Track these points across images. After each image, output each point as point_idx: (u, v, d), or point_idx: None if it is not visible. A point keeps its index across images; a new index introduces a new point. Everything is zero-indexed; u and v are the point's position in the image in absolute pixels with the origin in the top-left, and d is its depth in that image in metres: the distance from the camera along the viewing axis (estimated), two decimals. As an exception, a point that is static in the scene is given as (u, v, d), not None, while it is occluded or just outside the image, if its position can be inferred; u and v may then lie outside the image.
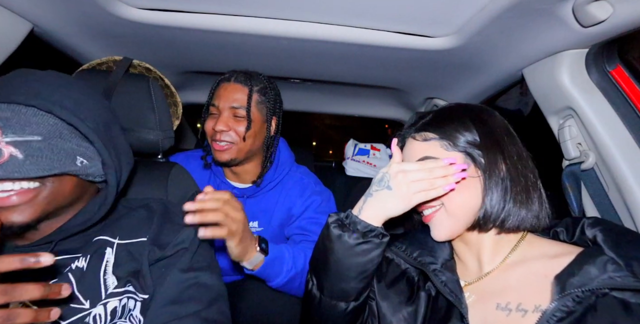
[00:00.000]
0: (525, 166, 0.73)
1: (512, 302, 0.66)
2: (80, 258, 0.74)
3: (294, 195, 1.27)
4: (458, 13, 0.96)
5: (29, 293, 0.51)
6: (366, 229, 0.69)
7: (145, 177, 1.05)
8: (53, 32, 1.14)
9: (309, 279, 0.78)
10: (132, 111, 1.05)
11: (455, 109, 0.79)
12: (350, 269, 0.70)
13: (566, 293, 0.60)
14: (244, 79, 1.20)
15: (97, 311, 0.70)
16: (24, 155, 0.63)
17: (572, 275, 0.62)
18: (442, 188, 0.70)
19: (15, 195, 0.63)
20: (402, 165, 0.71)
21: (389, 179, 0.70)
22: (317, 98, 2.09)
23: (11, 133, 0.63)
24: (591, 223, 0.70)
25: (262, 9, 1.04)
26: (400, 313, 0.76)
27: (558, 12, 0.85)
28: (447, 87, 1.55)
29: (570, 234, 0.73)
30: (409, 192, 0.69)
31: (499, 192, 0.70)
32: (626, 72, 0.95)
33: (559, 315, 0.60)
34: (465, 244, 0.78)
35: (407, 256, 0.80)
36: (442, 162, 0.71)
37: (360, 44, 1.14)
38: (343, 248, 0.69)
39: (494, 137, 0.73)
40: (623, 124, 0.94)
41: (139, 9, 1.06)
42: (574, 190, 1.06)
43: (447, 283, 0.72)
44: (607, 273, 0.60)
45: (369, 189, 0.74)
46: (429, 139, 0.75)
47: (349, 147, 2.21)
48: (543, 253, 0.70)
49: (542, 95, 1.10)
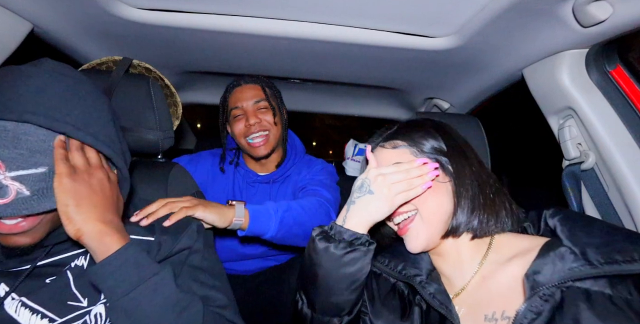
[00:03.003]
0: (486, 173, 0.76)
1: (497, 311, 0.67)
2: (80, 256, 0.74)
3: (303, 170, 1.42)
4: (458, 13, 0.96)
5: None
6: (352, 238, 0.70)
7: (145, 177, 1.05)
8: (53, 32, 1.14)
9: (298, 299, 0.77)
10: (132, 111, 1.05)
11: (420, 121, 0.83)
12: (341, 280, 0.70)
13: (533, 292, 0.61)
14: (251, 79, 1.36)
15: (98, 309, 0.70)
16: (30, 191, 0.61)
17: (537, 272, 0.63)
18: (421, 187, 0.72)
19: (23, 222, 0.63)
20: (380, 169, 0.73)
21: (370, 184, 0.72)
22: (317, 98, 2.09)
23: (15, 167, 0.60)
24: (551, 214, 0.72)
25: (262, 9, 1.04)
26: None
27: (558, 12, 0.86)
28: (447, 87, 1.55)
29: (537, 227, 0.75)
30: (390, 194, 0.70)
31: (469, 197, 0.72)
32: (626, 72, 0.95)
33: (529, 317, 0.60)
34: (440, 256, 0.78)
35: (391, 271, 0.80)
36: (415, 163, 0.74)
37: (361, 44, 1.14)
38: (330, 259, 0.69)
39: (458, 145, 0.78)
40: (623, 124, 0.95)
41: (139, 9, 1.06)
42: (574, 190, 1.06)
43: (436, 295, 0.71)
44: (566, 264, 0.61)
45: (350, 198, 0.75)
46: (398, 146, 0.78)
47: (349, 147, 2.21)
48: (514, 251, 0.71)
49: (542, 95, 1.10)
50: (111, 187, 0.68)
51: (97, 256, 0.63)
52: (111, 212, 0.66)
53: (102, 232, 0.63)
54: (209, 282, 0.78)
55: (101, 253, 0.63)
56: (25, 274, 0.69)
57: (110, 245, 0.63)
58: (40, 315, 0.68)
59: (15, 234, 0.63)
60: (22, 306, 0.68)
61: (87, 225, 0.62)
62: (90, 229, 0.62)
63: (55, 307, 0.69)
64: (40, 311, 0.68)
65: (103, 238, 0.63)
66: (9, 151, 0.60)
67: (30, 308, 0.68)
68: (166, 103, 1.13)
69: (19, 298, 0.69)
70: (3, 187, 0.60)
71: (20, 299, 0.69)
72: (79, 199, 0.62)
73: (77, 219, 0.61)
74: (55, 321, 0.68)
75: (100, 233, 0.63)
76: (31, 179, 0.61)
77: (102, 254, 0.63)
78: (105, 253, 0.63)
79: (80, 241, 0.62)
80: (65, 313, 0.69)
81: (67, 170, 0.62)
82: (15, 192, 0.60)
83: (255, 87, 1.35)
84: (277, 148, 1.40)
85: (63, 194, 0.61)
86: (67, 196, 0.61)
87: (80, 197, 0.62)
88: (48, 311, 0.69)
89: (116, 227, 0.65)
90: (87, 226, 0.62)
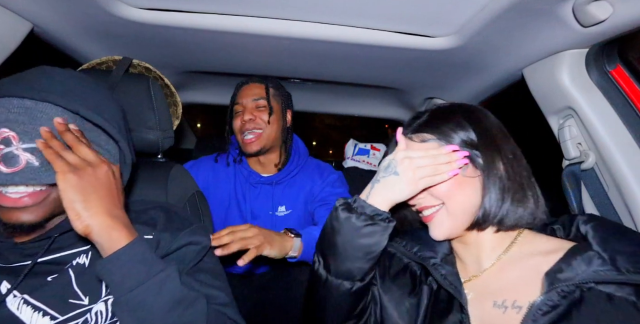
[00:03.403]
0: (520, 165, 0.74)
1: (508, 299, 0.68)
2: (82, 255, 0.75)
3: (315, 176, 1.45)
4: (458, 13, 0.96)
5: None
6: (374, 213, 0.71)
7: (145, 177, 1.05)
8: (53, 32, 1.14)
9: (316, 260, 0.80)
10: (132, 110, 1.05)
11: (450, 109, 0.80)
12: (357, 249, 0.72)
13: (552, 287, 0.62)
14: (259, 79, 1.43)
15: (98, 307, 0.71)
16: (40, 162, 0.65)
17: (560, 271, 0.63)
18: (447, 173, 0.71)
19: (27, 196, 0.65)
20: (408, 152, 0.73)
21: (396, 165, 0.72)
22: (317, 98, 2.09)
23: (28, 140, 0.64)
24: (585, 220, 0.72)
25: (262, 9, 1.04)
26: (403, 305, 0.78)
27: (558, 12, 0.86)
28: (447, 87, 1.55)
29: (567, 231, 0.74)
30: (415, 177, 0.71)
31: (497, 191, 0.71)
32: (626, 72, 0.95)
33: (544, 309, 0.61)
34: (463, 243, 0.79)
35: (407, 251, 0.82)
36: (445, 149, 0.73)
37: (361, 44, 1.14)
38: (350, 229, 0.71)
39: (490, 136, 0.75)
40: (623, 124, 0.95)
41: (139, 9, 1.06)
42: (574, 190, 1.06)
43: (447, 276, 0.74)
44: (592, 267, 0.61)
45: (375, 176, 0.75)
46: (427, 140, 0.77)
47: (349, 147, 2.21)
48: (538, 250, 0.71)
49: (542, 95, 1.10)
50: (116, 181, 0.68)
51: (105, 251, 0.63)
52: (117, 207, 0.67)
53: (110, 227, 0.63)
54: (210, 281, 0.78)
55: (109, 248, 0.63)
56: (27, 270, 0.69)
57: (118, 240, 0.63)
58: (42, 313, 0.68)
59: (18, 208, 0.65)
60: (24, 304, 0.69)
61: (96, 220, 0.62)
62: (99, 224, 0.62)
63: (57, 305, 0.69)
64: (42, 309, 0.69)
65: (111, 233, 0.63)
66: (25, 126, 0.65)
67: (32, 306, 0.69)
68: (166, 103, 1.13)
69: (21, 295, 0.69)
70: (14, 157, 0.64)
71: (22, 296, 0.69)
72: (85, 195, 0.62)
73: (85, 215, 0.61)
74: (57, 318, 0.68)
75: (108, 228, 0.62)
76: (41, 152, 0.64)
77: (110, 249, 0.63)
78: (113, 248, 0.63)
79: (89, 237, 0.62)
80: (66, 310, 0.69)
81: (67, 167, 0.62)
82: (25, 162, 0.64)
83: (259, 86, 1.40)
84: (273, 148, 1.42)
85: (69, 190, 0.61)
86: (73, 192, 0.61)
87: (87, 192, 0.62)
88: (50, 308, 0.69)
89: (123, 222, 0.66)
90: (96, 221, 0.62)
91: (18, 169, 0.63)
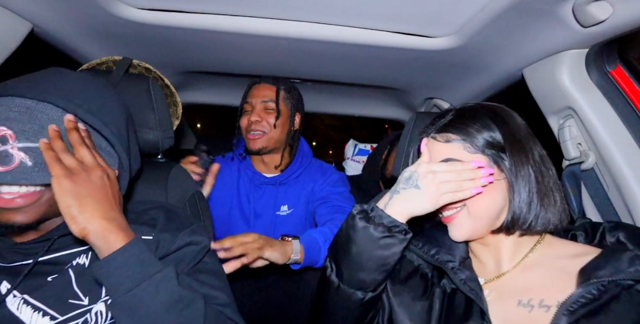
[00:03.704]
0: (547, 167, 0.73)
1: (534, 299, 0.67)
2: (82, 255, 0.75)
3: (317, 176, 1.46)
4: (458, 13, 0.96)
5: None
6: (392, 225, 0.69)
7: (145, 177, 1.05)
8: (53, 32, 1.14)
9: (328, 265, 0.78)
10: (132, 110, 1.05)
11: (476, 109, 0.78)
12: (371, 260, 0.71)
13: (592, 282, 0.61)
14: (271, 80, 1.41)
15: (98, 307, 0.71)
16: (33, 162, 0.64)
17: (598, 268, 0.62)
18: (470, 191, 0.69)
19: (19, 197, 0.65)
20: (432, 166, 0.71)
21: (418, 178, 0.70)
22: (317, 98, 2.09)
23: (24, 139, 0.65)
24: (612, 227, 0.71)
25: (262, 9, 1.04)
26: (414, 308, 0.76)
27: (558, 12, 0.85)
28: (447, 87, 1.55)
29: (590, 237, 0.74)
30: (437, 192, 0.69)
31: (526, 195, 0.70)
32: (626, 72, 0.95)
33: (582, 301, 0.60)
34: (483, 245, 0.78)
35: (424, 254, 0.80)
36: (470, 165, 0.70)
37: (361, 44, 1.14)
38: (367, 239, 0.69)
39: (517, 138, 0.73)
40: (623, 124, 0.95)
41: (139, 9, 1.06)
42: (574, 190, 1.06)
43: (467, 282, 0.72)
44: (634, 266, 0.61)
45: (395, 186, 0.73)
46: (451, 141, 0.74)
47: (349, 147, 2.21)
48: (563, 253, 0.71)
49: (542, 95, 1.10)
50: (111, 184, 0.68)
51: (102, 253, 0.63)
52: (114, 209, 0.67)
53: (106, 229, 0.63)
54: (210, 281, 0.78)
55: (106, 250, 0.63)
56: (27, 270, 0.69)
57: (114, 242, 0.63)
58: (42, 313, 0.68)
59: (10, 209, 0.65)
60: (24, 304, 0.69)
61: (92, 224, 0.62)
62: (95, 227, 0.62)
63: (57, 305, 0.69)
64: (42, 309, 0.69)
65: (108, 236, 0.63)
66: (23, 125, 0.65)
67: (32, 306, 0.68)
68: (166, 103, 1.13)
69: (21, 295, 0.69)
70: (9, 155, 0.64)
71: (22, 296, 0.69)
72: (80, 199, 0.62)
73: (81, 218, 0.62)
74: (57, 319, 0.68)
75: (104, 231, 0.63)
76: (36, 152, 0.65)
77: (106, 251, 0.63)
78: (109, 250, 0.63)
79: (86, 240, 0.63)
80: (66, 311, 0.69)
81: (63, 171, 0.62)
82: (19, 161, 0.64)
83: (270, 87, 1.39)
84: (277, 150, 1.42)
85: (64, 195, 0.61)
86: (68, 197, 0.61)
87: (82, 196, 0.63)
88: (50, 308, 0.69)
89: (120, 224, 0.66)
90: (92, 225, 0.62)
91: (11, 168, 0.63)
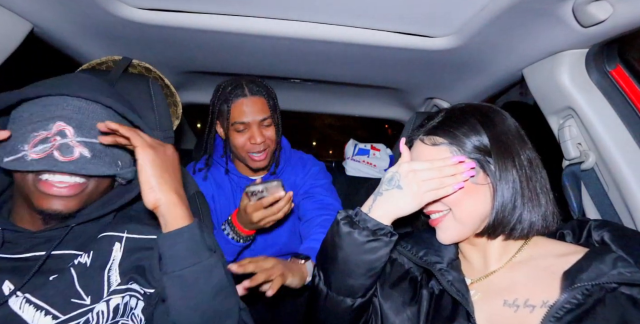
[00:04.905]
0: (535, 171, 0.72)
1: (519, 298, 0.67)
2: (83, 255, 0.75)
3: (297, 169, 1.43)
4: (458, 13, 0.96)
5: None
6: (376, 228, 0.69)
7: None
8: (53, 32, 1.14)
9: (316, 274, 0.78)
10: (132, 110, 1.05)
11: (465, 111, 0.77)
12: (359, 266, 0.71)
13: (576, 286, 0.61)
14: (256, 89, 1.25)
15: (100, 307, 0.71)
16: (91, 155, 0.73)
17: (582, 271, 0.62)
18: (452, 187, 0.70)
19: (68, 187, 0.73)
20: (412, 164, 0.71)
21: (399, 179, 0.70)
22: (317, 98, 2.09)
23: (81, 134, 0.73)
24: (598, 225, 0.71)
25: (262, 9, 1.04)
26: (404, 313, 0.76)
27: (558, 12, 0.85)
28: (447, 87, 1.55)
29: (577, 236, 0.74)
30: (420, 191, 0.69)
31: (509, 200, 0.69)
32: (626, 72, 0.95)
33: (568, 307, 0.60)
34: (472, 245, 0.78)
35: (412, 256, 0.80)
36: (450, 161, 0.71)
37: (361, 44, 1.14)
38: (352, 244, 0.70)
39: (505, 142, 0.72)
40: (623, 124, 0.95)
41: (139, 9, 1.06)
42: (574, 190, 1.06)
43: (454, 283, 0.72)
44: (617, 268, 0.61)
45: (378, 188, 0.73)
46: (438, 144, 0.74)
47: (349, 147, 2.21)
48: (550, 252, 0.71)
49: (542, 95, 1.10)
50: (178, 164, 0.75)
51: (167, 225, 0.69)
52: (181, 187, 0.73)
53: (176, 204, 0.69)
54: None
55: (172, 223, 0.68)
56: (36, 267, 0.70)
57: (181, 218, 0.69)
58: (44, 312, 0.68)
59: (57, 197, 0.72)
60: (27, 303, 0.69)
61: (166, 195, 0.68)
62: (168, 200, 0.68)
63: (59, 304, 0.69)
64: (44, 308, 0.69)
65: (176, 209, 0.69)
66: (78, 122, 0.73)
67: (35, 305, 0.69)
68: (166, 103, 1.13)
69: (24, 294, 0.69)
70: (70, 147, 0.72)
71: (24, 295, 0.69)
72: (161, 171, 0.69)
73: (158, 189, 0.68)
74: (59, 318, 0.68)
75: (174, 204, 0.69)
76: (92, 146, 0.74)
77: (172, 224, 0.68)
78: (175, 224, 0.68)
79: (156, 210, 0.68)
80: (68, 310, 0.69)
81: (146, 142, 0.69)
82: (79, 153, 0.72)
83: (260, 100, 1.25)
84: None
85: (148, 165, 0.68)
86: (151, 166, 0.68)
87: (162, 169, 0.69)
88: (52, 308, 0.69)
89: (185, 202, 0.71)
90: (166, 196, 0.68)
91: (73, 158, 0.71)
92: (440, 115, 0.79)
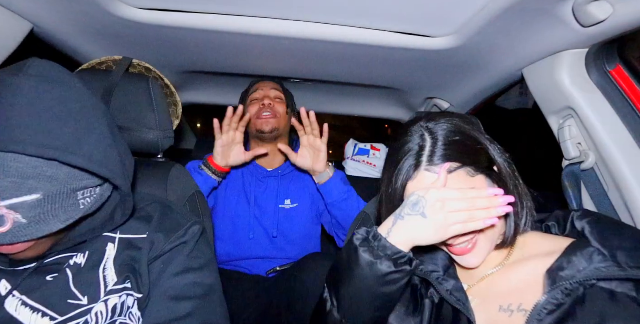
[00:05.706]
0: (514, 169, 0.73)
1: (513, 303, 0.67)
2: (78, 255, 0.74)
3: None
4: (458, 13, 0.96)
5: None
6: (397, 256, 0.64)
7: (145, 177, 1.05)
8: (53, 32, 1.14)
9: (328, 299, 0.72)
10: (132, 110, 1.05)
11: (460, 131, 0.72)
12: (377, 298, 0.65)
13: (556, 286, 0.61)
14: (276, 81, 1.59)
15: (99, 308, 0.70)
16: (27, 219, 0.59)
17: (562, 269, 0.63)
18: (483, 222, 0.62)
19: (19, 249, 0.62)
20: (443, 192, 0.63)
21: (425, 206, 0.63)
22: (317, 98, 2.09)
23: (8, 196, 0.57)
24: (580, 216, 0.71)
25: (262, 9, 1.04)
26: (408, 323, 0.75)
27: (558, 12, 0.85)
28: (447, 87, 1.55)
29: (562, 227, 0.74)
30: (446, 223, 0.62)
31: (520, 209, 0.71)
32: (626, 72, 0.95)
33: (549, 308, 0.61)
34: None
35: None
36: (485, 193, 0.64)
37: (361, 44, 1.14)
38: (375, 276, 0.63)
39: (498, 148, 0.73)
40: (623, 124, 0.94)
41: (139, 9, 1.06)
42: (574, 190, 1.06)
43: (453, 292, 0.70)
44: (593, 264, 0.61)
45: (400, 210, 0.67)
46: (453, 170, 0.68)
47: (349, 147, 2.21)
48: (538, 251, 0.71)
49: (542, 95, 1.10)
50: None
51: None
52: None
53: None
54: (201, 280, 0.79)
55: None
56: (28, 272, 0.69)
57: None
58: (41, 314, 0.68)
59: (14, 254, 0.63)
60: (23, 305, 0.68)
61: None
62: None
63: (56, 305, 0.69)
64: (41, 310, 0.68)
65: None
66: (0, 181, 0.56)
67: (31, 307, 0.68)
68: (166, 103, 1.13)
69: (20, 296, 0.68)
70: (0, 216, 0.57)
71: (20, 297, 0.68)
72: None
73: None
74: (56, 319, 0.68)
75: None
76: (26, 207, 0.58)
77: None
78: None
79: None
80: (65, 311, 0.68)
81: None
82: (12, 221, 0.58)
83: (277, 86, 1.57)
84: (282, 138, 1.54)
85: None
86: None
87: None
88: (49, 309, 0.68)
89: None
90: None
91: (6, 229, 0.58)
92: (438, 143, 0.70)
